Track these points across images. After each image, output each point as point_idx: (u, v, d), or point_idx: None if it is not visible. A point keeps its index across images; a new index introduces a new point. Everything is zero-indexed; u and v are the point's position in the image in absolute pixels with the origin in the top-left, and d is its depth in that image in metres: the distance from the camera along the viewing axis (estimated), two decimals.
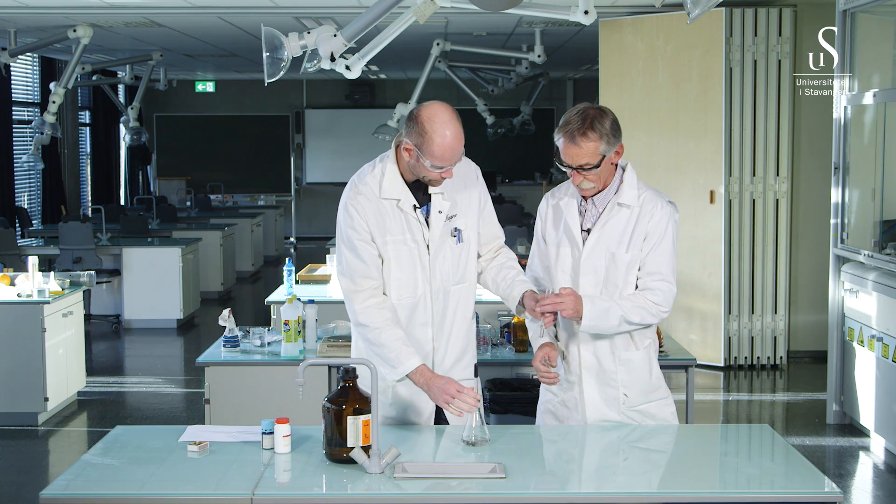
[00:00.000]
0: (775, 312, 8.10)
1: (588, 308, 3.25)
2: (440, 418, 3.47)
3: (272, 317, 6.26)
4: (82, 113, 14.50)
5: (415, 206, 3.35)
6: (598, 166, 3.24)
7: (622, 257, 3.34)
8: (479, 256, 3.55)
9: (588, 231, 3.37)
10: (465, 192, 3.43)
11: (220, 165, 17.32)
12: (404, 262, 3.38)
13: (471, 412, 3.15)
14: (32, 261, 6.63)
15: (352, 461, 2.94)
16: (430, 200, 3.38)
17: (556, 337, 3.49)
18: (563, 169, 3.29)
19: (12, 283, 6.68)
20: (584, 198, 3.38)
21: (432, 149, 3.19)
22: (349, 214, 3.36)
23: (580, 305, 3.24)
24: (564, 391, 3.46)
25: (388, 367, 3.32)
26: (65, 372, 6.84)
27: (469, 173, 3.46)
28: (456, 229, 3.41)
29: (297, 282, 6.75)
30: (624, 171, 3.37)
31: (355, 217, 3.34)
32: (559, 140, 3.26)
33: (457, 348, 3.47)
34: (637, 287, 3.35)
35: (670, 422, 3.48)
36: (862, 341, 6.08)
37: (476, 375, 3.36)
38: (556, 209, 3.44)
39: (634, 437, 3.35)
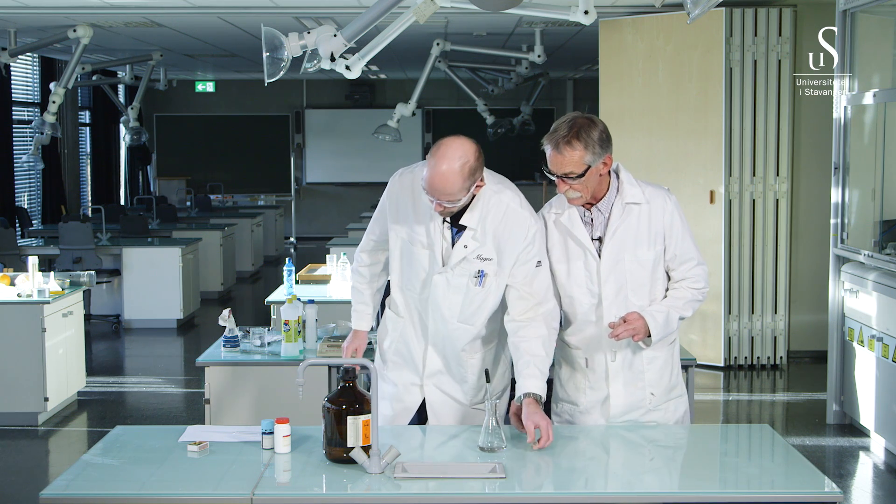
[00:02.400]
0: (775, 312, 8.10)
1: (652, 325, 3.28)
2: (423, 417, 3.55)
3: (272, 317, 6.26)
4: (82, 113, 14.50)
5: (445, 219, 3.35)
6: (582, 176, 3.22)
7: (646, 255, 3.34)
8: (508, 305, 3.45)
9: (599, 239, 3.35)
10: (503, 243, 3.33)
11: (220, 165, 17.33)
12: (414, 262, 3.43)
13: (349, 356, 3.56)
14: (32, 261, 6.63)
15: (352, 461, 2.94)
16: (462, 231, 3.36)
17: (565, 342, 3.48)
18: (549, 176, 3.28)
19: (12, 283, 6.68)
20: (587, 207, 3.36)
21: (425, 171, 3.23)
22: (386, 188, 3.53)
23: (646, 328, 3.27)
24: (587, 397, 3.44)
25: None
26: (65, 372, 6.84)
27: (518, 228, 3.32)
28: (481, 272, 3.37)
29: (297, 282, 6.74)
30: (619, 174, 3.37)
31: (386, 194, 3.52)
32: (546, 147, 3.26)
33: (454, 379, 3.51)
34: (671, 278, 3.40)
35: (684, 420, 3.51)
36: (862, 341, 6.08)
37: (484, 397, 3.32)
38: (557, 225, 3.39)
39: (634, 437, 3.34)
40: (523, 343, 3.33)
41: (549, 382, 3.51)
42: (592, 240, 3.35)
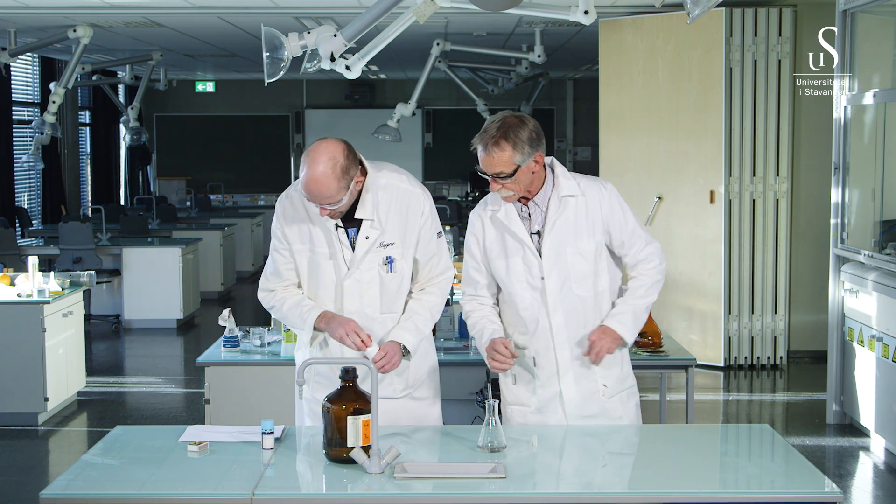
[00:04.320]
0: (775, 312, 8.10)
1: (622, 330, 3.36)
2: None
3: (272, 317, 6.26)
4: (82, 113, 14.49)
5: (337, 224, 3.37)
6: (512, 175, 3.24)
7: (587, 247, 3.35)
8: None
9: (538, 233, 3.36)
10: (404, 223, 3.41)
11: (220, 165, 17.31)
12: (320, 276, 3.42)
13: (363, 349, 3.29)
14: (32, 261, 6.63)
15: (352, 461, 2.94)
16: (360, 225, 3.38)
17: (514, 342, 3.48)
18: (482, 175, 3.30)
19: (12, 283, 6.68)
20: (523, 202, 3.37)
21: (301, 178, 3.23)
22: (275, 213, 3.49)
23: (615, 334, 3.34)
24: (538, 396, 3.44)
25: (301, 331, 3.49)
26: (65, 372, 6.84)
27: (413, 206, 3.42)
28: (389, 258, 3.40)
29: None
30: (554, 169, 3.39)
31: (276, 219, 3.47)
32: (477, 147, 3.28)
33: (387, 376, 3.48)
34: (626, 265, 3.44)
35: (636, 412, 3.52)
36: (862, 341, 6.08)
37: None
38: (494, 221, 3.41)
39: (635, 436, 3.35)
40: (412, 304, 3.48)
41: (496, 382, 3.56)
42: (531, 234, 3.37)
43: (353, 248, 3.39)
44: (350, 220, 3.38)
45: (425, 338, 3.57)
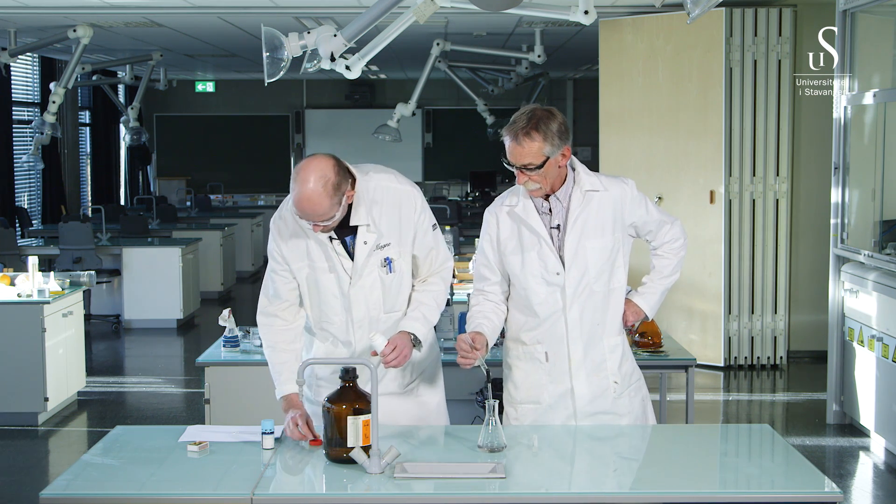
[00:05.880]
0: (775, 312, 8.10)
1: (646, 306, 3.51)
2: None
3: None
4: (82, 113, 14.49)
5: (331, 237, 3.34)
6: (541, 167, 3.24)
7: (607, 242, 3.37)
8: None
9: (558, 227, 3.36)
10: (398, 223, 3.39)
11: (220, 165, 17.32)
12: (322, 290, 3.41)
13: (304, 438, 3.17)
14: (32, 261, 6.63)
15: (352, 461, 2.94)
16: (355, 232, 3.36)
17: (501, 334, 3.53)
18: (509, 168, 3.30)
19: (12, 283, 6.68)
20: (545, 197, 3.37)
21: (293, 197, 3.20)
22: (270, 235, 3.47)
23: (638, 309, 3.50)
24: (549, 392, 3.43)
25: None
26: (65, 372, 6.84)
27: (405, 204, 3.40)
28: (387, 259, 3.39)
29: None
30: (574, 166, 3.40)
31: (272, 240, 3.44)
32: (505, 138, 3.28)
33: (391, 371, 3.46)
34: (653, 245, 3.53)
35: (645, 403, 3.53)
36: (862, 341, 6.08)
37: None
38: (512, 216, 3.40)
39: (635, 436, 3.35)
40: (416, 294, 3.49)
41: (499, 381, 3.54)
42: (552, 228, 3.37)
43: (352, 256, 3.37)
44: (344, 229, 3.35)
45: (430, 331, 3.56)
